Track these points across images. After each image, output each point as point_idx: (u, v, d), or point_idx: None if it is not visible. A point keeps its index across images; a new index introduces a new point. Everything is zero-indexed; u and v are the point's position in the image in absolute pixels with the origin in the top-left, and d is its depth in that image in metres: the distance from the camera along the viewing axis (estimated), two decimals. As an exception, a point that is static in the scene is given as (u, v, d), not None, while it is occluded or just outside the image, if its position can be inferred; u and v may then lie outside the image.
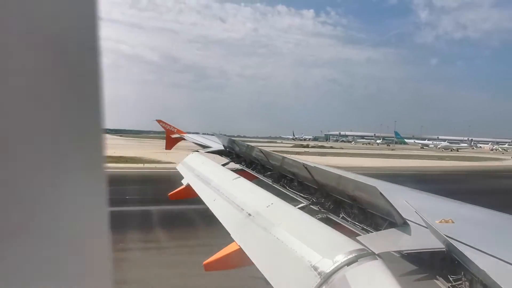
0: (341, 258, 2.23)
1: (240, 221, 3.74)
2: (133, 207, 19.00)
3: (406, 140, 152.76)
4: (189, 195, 6.95)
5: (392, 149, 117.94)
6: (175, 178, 8.01)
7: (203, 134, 15.06)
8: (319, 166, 4.65)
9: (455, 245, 2.27)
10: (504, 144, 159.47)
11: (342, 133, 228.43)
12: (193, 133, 15.89)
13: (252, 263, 2.96)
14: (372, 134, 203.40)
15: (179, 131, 15.97)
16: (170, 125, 16.36)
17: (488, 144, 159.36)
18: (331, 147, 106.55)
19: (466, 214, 3.60)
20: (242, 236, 3.54)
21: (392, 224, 2.92)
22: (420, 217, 2.64)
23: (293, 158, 5.55)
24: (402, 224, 2.81)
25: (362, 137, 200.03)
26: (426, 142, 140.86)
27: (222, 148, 9.92)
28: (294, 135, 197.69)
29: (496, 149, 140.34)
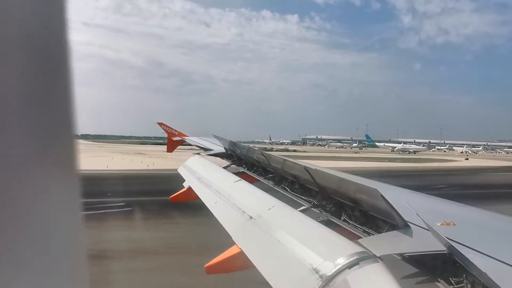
0: (342, 261, 2.23)
1: (242, 224, 3.74)
2: None
3: (377, 143, 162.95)
4: (191, 198, 6.96)
5: (356, 152, 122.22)
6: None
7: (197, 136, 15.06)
8: (320, 169, 4.65)
9: (456, 248, 2.26)
10: (479, 147, 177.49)
11: (319, 137, 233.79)
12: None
13: (254, 266, 2.96)
14: (350, 138, 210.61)
15: (180, 134, 15.96)
16: (171, 128, 16.36)
17: (463, 147, 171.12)
18: (294, 151, 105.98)
19: (467, 216, 3.59)
20: (244, 239, 3.53)
21: (393, 227, 2.92)
22: (422, 219, 2.63)
23: (294, 161, 5.55)
24: (404, 227, 2.80)
25: (340, 140, 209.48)
26: (395, 145, 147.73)
27: (223, 150, 9.92)
28: (270, 139, 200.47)
29: (466, 152, 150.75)
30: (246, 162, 8.08)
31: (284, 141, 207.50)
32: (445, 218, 3.04)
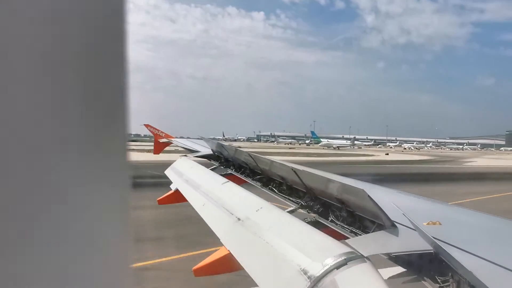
0: (330, 262, 2.24)
1: (230, 225, 3.72)
2: None
3: (321, 139, 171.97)
4: (178, 200, 6.91)
5: (291, 148, 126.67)
6: None
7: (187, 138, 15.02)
8: (308, 170, 4.66)
9: (442, 247, 2.29)
10: (429, 144, 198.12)
11: (273, 133, 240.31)
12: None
13: (242, 268, 2.95)
14: (304, 134, 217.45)
15: (167, 136, 15.88)
16: (158, 130, 16.25)
17: (413, 143, 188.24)
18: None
19: (453, 216, 3.64)
20: (232, 241, 3.52)
21: (380, 227, 2.94)
22: (408, 219, 2.66)
23: (281, 162, 5.56)
24: (390, 227, 2.83)
25: (294, 137, 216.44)
26: (339, 141, 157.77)
27: (211, 152, 9.89)
28: (224, 136, 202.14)
29: (409, 148, 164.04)
30: (233, 164, 8.06)
31: (240, 137, 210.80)
32: (431, 218, 3.08)
